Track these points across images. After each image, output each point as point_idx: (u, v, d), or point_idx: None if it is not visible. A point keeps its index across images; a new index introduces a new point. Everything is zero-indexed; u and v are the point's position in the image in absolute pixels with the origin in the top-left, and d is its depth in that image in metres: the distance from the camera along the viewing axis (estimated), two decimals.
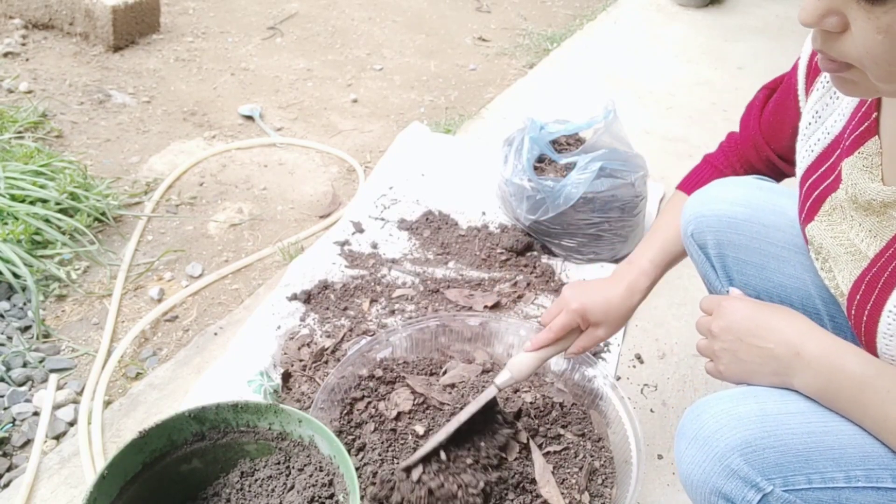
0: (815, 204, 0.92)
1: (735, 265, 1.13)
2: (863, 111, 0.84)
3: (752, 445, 0.76)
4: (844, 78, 0.70)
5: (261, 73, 2.66)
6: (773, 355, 0.82)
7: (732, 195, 1.13)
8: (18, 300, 1.53)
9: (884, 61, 0.64)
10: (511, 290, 1.62)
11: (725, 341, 0.87)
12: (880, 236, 0.80)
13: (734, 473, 0.76)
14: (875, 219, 0.81)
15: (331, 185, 2.07)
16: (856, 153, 0.83)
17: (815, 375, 0.79)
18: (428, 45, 3.05)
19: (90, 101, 2.31)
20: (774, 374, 0.82)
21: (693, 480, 0.80)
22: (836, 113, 0.90)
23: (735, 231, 1.11)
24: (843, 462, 0.75)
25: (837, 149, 0.89)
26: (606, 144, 1.74)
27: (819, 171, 0.93)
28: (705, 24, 3.44)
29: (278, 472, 1.05)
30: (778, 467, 0.75)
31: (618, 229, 1.71)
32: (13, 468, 1.23)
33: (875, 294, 0.78)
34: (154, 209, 1.88)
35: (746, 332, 0.85)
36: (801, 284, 1.07)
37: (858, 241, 0.84)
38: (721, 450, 0.77)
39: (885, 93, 0.69)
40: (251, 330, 1.45)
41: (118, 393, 1.37)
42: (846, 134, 0.87)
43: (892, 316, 0.75)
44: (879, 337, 0.77)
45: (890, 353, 0.77)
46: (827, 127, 0.91)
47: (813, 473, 0.75)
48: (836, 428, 0.77)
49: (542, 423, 1.22)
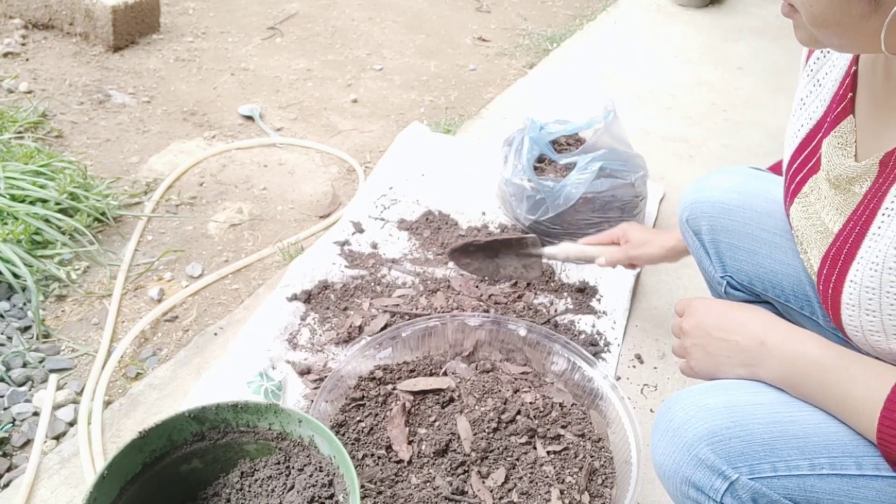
0: (797, 187, 0.96)
1: (728, 250, 1.16)
2: (840, 93, 0.88)
3: (718, 435, 0.78)
4: (796, 23, 0.77)
5: (261, 73, 2.66)
6: (739, 347, 0.85)
7: (726, 183, 1.16)
8: (18, 300, 1.53)
9: (807, 3, 0.71)
10: (511, 290, 1.62)
11: (696, 337, 0.90)
12: (843, 212, 0.84)
13: (702, 462, 0.78)
14: (841, 196, 0.85)
15: (331, 185, 2.07)
16: (832, 133, 0.87)
17: (778, 362, 0.81)
18: (428, 45, 3.05)
19: (90, 101, 2.31)
20: (742, 365, 0.85)
21: (665, 471, 0.82)
22: (819, 99, 0.94)
23: (728, 217, 1.14)
24: (807, 450, 0.76)
25: (819, 133, 0.93)
26: (606, 144, 1.74)
27: (802, 155, 0.96)
28: (705, 24, 3.44)
29: (278, 472, 1.05)
30: (743, 456, 0.77)
31: None
32: (13, 468, 1.23)
33: (839, 266, 0.81)
34: (154, 209, 1.88)
35: (714, 327, 0.88)
36: (793, 271, 1.08)
37: (827, 220, 0.87)
38: (689, 440, 0.79)
39: (822, 41, 0.76)
40: (251, 330, 1.45)
41: (118, 393, 1.37)
42: (827, 118, 0.91)
43: (852, 286, 0.78)
44: (843, 308, 0.80)
45: (853, 324, 0.79)
46: (810, 112, 0.95)
47: (778, 461, 0.77)
48: (801, 417, 0.79)
49: (542, 423, 1.22)
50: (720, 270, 1.19)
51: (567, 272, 1.70)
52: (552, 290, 1.64)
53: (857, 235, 0.79)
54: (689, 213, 1.20)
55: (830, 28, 0.72)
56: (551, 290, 1.64)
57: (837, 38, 0.74)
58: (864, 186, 0.81)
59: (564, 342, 1.32)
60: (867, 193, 0.80)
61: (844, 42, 0.74)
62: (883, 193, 0.76)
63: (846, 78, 0.88)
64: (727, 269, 1.17)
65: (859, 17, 0.69)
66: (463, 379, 1.30)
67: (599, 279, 1.68)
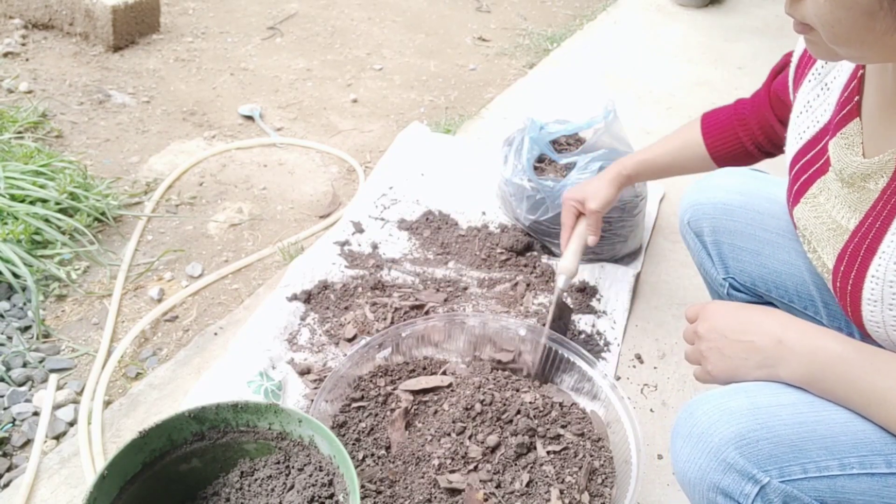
0: (802, 187, 0.96)
1: (731, 252, 1.15)
2: (846, 96, 0.88)
3: (745, 438, 0.76)
4: (810, 39, 0.76)
5: (260, 73, 2.66)
6: (756, 348, 0.83)
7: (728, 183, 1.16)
8: (18, 300, 1.53)
9: (828, 23, 0.70)
10: (511, 290, 1.62)
11: (711, 340, 0.88)
12: (859, 209, 0.83)
13: (730, 467, 0.76)
14: (855, 194, 0.85)
15: (331, 185, 2.07)
16: (839, 134, 0.88)
17: (798, 360, 0.80)
18: (428, 45, 3.05)
19: (90, 101, 2.31)
20: (760, 366, 0.83)
21: (690, 478, 0.80)
22: (826, 103, 0.94)
23: (730, 218, 1.13)
24: (836, 450, 0.76)
25: (825, 135, 0.92)
26: (606, 144, 1.74)
27: (808, 156, 0.96)
28: (705, 24, 3.44)
29: (278, 471, 1.05)
30: (773, 458, 0.76)
31: (618, 229, 1.71)
32: (13, 468, 1.23)
33: (858, 262, 0.80)
34: (154, 209, 1.88)
35: (730, 329, 0.86)
36: (796, 270, 1.08)
37: (839, 217, 0.87)
38: (716, 444, 0.77)
39: (841, 55, 0.75)
40: (251, 330, 1.45)
41: (118, 393, 1.37)
42: (833, 121, 0.91)
43: (874, 281, 0.77)
44: (864, 304, 0.79)
45: (874, 320, 0.79)
46: (816, 116, 0.95)
47: (807, 462, 0.76)
48: (827, 417, 0.78)
49: (542, 422, 1.22)
50: (722, 272, 1.18)
51: None
52: (552, 291, 1.64)
53: (877, 231, 0.79)
54: (690, 214, 1.19)
55: (853, 45, 0.71)
56: (551, 291, 1.64)
57: (859, 52, 0.73)
58: (881, 182, 0.80)
59: (564, 342, 1.32)
60: (885, 189, 0.79)
61: (866, 55, 0.73)
62: None
63: (852, 81, 0.88)
64: (730, 270, 1.17)
65: (883, 33, 0.68)
66: (463, 379, 1.30)
67: (599, 279, 1.68)
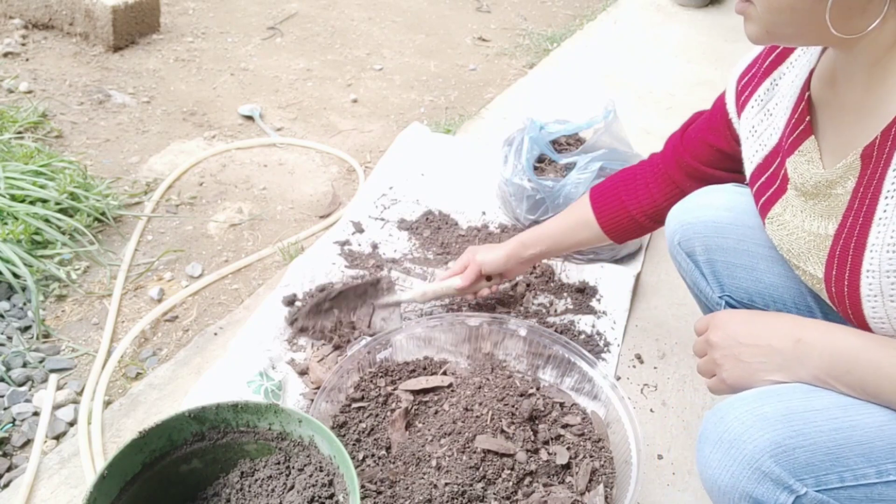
0: (764, 207, 0.98)
1: (725, 269, 1.14)
2: (796, 117, 0.92)
3: (781, 446, 0.75)
4: (749, 17, 0.81)
5: (260, 73, 2.66)
6: (774, 350, 0.82)
7: (715, 201, 1.14)
8: (18, 300, 1.53)
9: None
10: (511, 290, 1.62)
11: (725, 347, 0.87)
12: (834, 214, 0.84)
13: (765, 476, 0.75)
14: (823, 202, 0.86)
15: (331, 185, 2.07)
16: (796, 152, 0.91)
17: (821, 356, 0.79)
18: (428, 45, 3.05)
19: (90, 102, 2.31)
20: (779, 369, 0.82)
21: (720, 485, 0.78)
22: (772, 127, 0.98)
23: (722, 235, 1.12)
24: (872, 457, 0.74)
25: (777, 157, 0.96)
26: (606, 144, 1.74)
27: (763, 177, 0.99)
28: (705, 24, 3.44)
29: (278, 472, 1.05)
30: (809, 467, 0.74)
31: None
32: (13, 468, 1.23)
33: (849, 262, 0.80)
34: (154, 209, 1.88)
35: (744, 334, 0.86)
36: (793, 283, 1.07)
37: (815, 228, 0.88)
38: (750, 452, 0.75)
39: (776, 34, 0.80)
40: (251, 330, 1.45)
41: (118, 393, 1.37)
42: (784, 141, 0.95)
43: (871, 275, 0.77)
44: (864, 301, 0.78)
45: (877, 315, 0.78)
46: (763, 140, 1.00)
47: (845, 471, 0.74)
48: (862, 421, 0.76)
49: (541, 423, 1.22)
50: (718, 290, 1.16)
51: (567, 272, 1.70)
52: (552, 291, 1.64)
53: (861, 227, 0.79)
54: (680, 235, 1.17)
55: (785, 13, 0.77)
56: (551, 291, 1.64)
57: (791, 27, 0.78)
58: (849, 185, 0.81)
59: (564, 342, 1.32)
60: (857, 188, 0.80)
61: (797, 30, 0.79)
62: (879, 179, 0.76)
63: (800, 103, 0.92)
64: (725, 288, 1.15)
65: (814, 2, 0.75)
66: (463, 379, 1.30)
67: (599, 279, 1.68)
